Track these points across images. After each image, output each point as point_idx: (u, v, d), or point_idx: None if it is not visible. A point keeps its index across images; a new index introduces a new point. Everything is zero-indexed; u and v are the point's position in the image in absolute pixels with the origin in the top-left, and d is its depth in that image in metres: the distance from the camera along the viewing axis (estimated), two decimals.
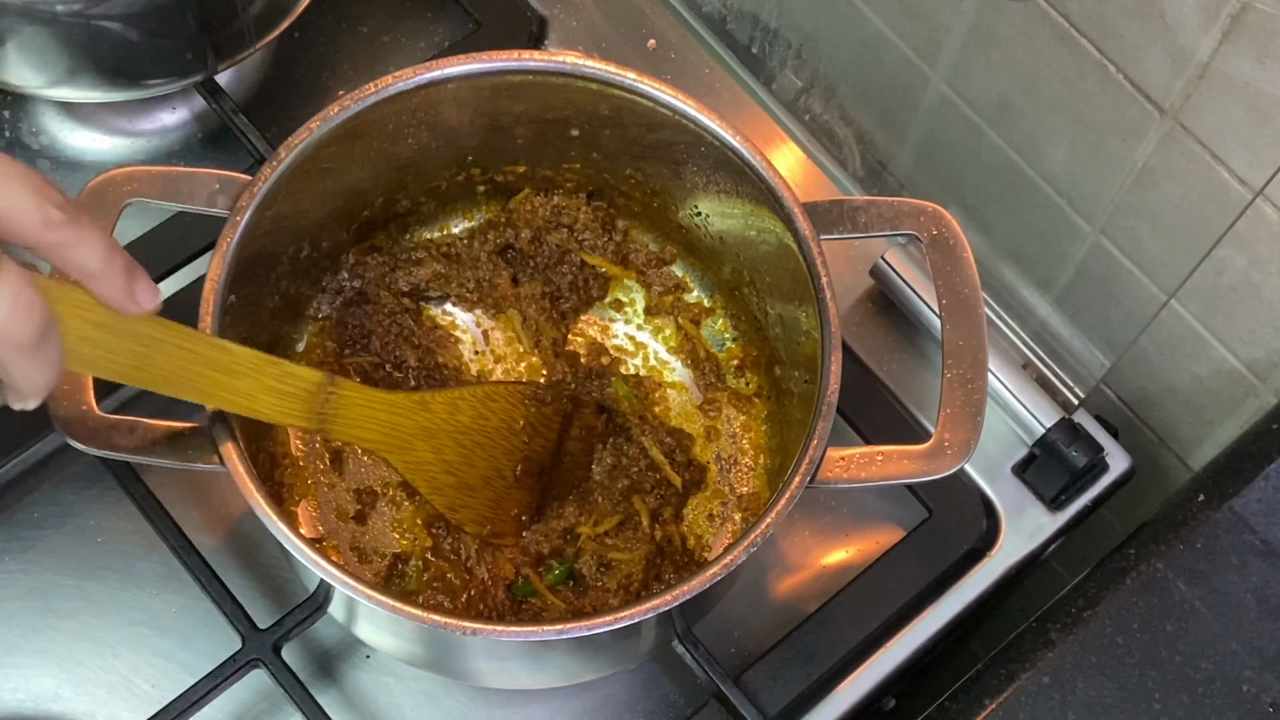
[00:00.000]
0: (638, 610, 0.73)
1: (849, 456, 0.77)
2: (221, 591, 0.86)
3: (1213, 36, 0.75)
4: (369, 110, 0.81)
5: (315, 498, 0.89)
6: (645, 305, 0.94)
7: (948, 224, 0.80)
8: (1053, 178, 0.91)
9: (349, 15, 1.05)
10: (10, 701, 0.88)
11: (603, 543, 0.87)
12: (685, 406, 0.92)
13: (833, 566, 0.94)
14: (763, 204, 0.82)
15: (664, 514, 0.88)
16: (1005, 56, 0.88)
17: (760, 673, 0.88)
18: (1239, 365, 0.89)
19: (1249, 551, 0.82)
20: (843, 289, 0.99)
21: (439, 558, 0.87)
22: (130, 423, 0.74)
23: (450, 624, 0.72)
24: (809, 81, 1.06)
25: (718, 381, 0.92)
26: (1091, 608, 0.82)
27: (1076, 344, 0.98)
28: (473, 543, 0.87)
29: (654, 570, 0.87)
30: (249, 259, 0.80)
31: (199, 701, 0.83)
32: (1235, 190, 0.80)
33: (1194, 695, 0.79)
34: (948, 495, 0.93)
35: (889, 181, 1.05)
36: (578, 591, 0.87)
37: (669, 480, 0.88)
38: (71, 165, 1.00)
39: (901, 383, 0.97)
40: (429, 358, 0.91)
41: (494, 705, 0.90)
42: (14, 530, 0.91)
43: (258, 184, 0.79)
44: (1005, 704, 0.80)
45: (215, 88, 0.97)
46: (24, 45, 0.88)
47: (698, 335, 0.93)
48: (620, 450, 0.88)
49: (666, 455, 0.88)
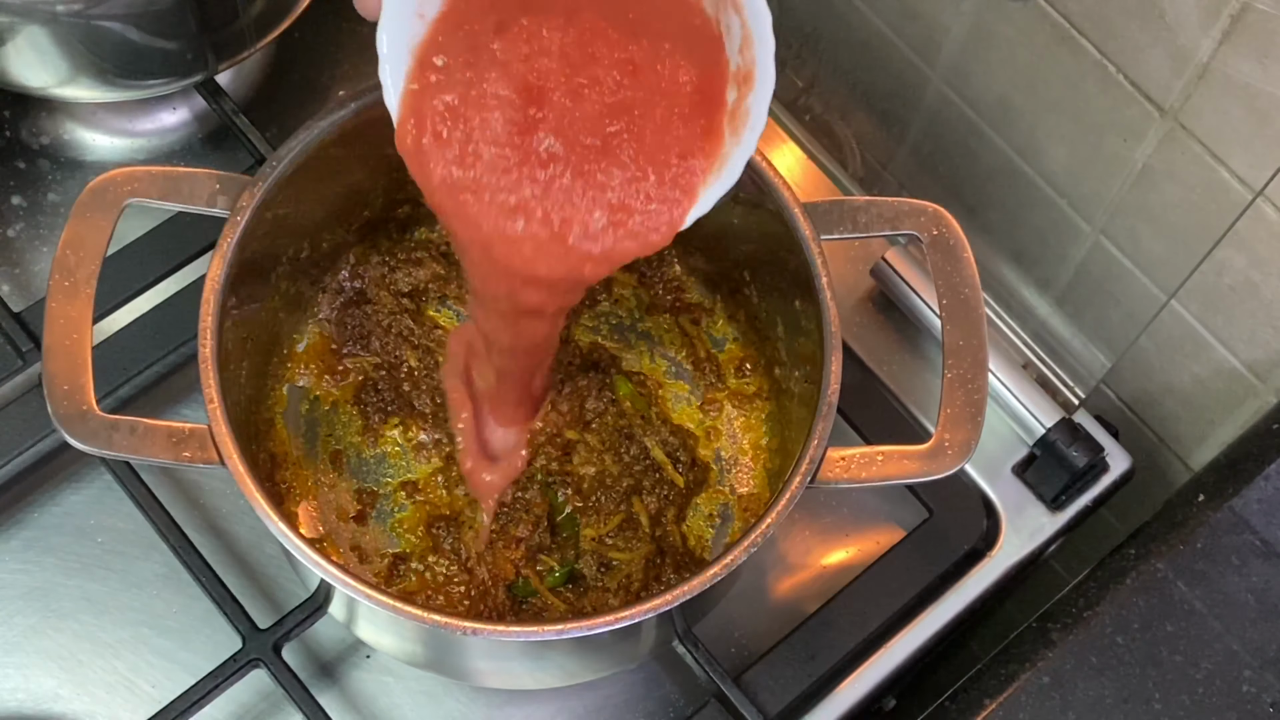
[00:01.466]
0: (638, 610, 0.73)
1: (849, 456, 0.77)
2: (221, 591, 0.86)
3: (1213, 36, 0.75)
4: (369, 110, 0.81)
5: (315, 498, 0.89)
6: (645, 305, 0.94)
7: (948, 224, 0.80)
8: (1053, 178, 0.91)
9: (349, 15, 1.04)
10: (10, 701, 0.88)
11: (603, 543, 0.87)
12: (685, 406, 0.92)
13: (833, 566, 0.94)
14: (762, 204, 0.82)
15: (667, 515, 0.88)
16: (1005, 56, 0.88)
17: (760, 673, 0.88)
18: (1239, 365, 0.89)
19: (1249, 551, 0.82)
20: (843, 289, 0.99)
21: (439, 557, 0.87)
22: (130, 423, 0.74)
23: (450, 624, 0.72)
24: (809, 81, 1.06)
25: (718, 381, 0.92)
26: (1091, 608, 0.82)
27: (1076, 344, 0.98)
28: (473, 543, 0.87)
29: (654, 570, 0.87)
30: (249, 259, 0.79)
31: (199, 701, 0.83)
32: (1235, 190, 0.80)
33: (1194, 695, 0.79)
34: (948, 495, 0.93)
35: (889, 181, 1.05)
36: (578, 592, 0.87)
37: (671, 480, 0.88)
38: (71, 165, 1.00)
39: (901, 383, 0.97)
40: (429, 358, 0.91)
41: (494, 705, 0.90)
42: (14, 530, 0.91)
43: (258, 184, 0.78)
44: (1005, 704, 0.80)
45: (215, 88, 0.97)
46: (24, 45, 0.88)
47: (698, 335, 0.93)
48: (623, 450, 0.88)
49: (670, 455, 0.88)
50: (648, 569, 0.86)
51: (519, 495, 0.87)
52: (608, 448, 0.88)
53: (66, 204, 0.98)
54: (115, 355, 0.90)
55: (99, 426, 0.74)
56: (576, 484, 0.87)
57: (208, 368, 0.75)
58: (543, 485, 0.87)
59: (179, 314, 0.91)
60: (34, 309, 0.91)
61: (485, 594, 0.86)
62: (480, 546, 0.87)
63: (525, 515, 0.86)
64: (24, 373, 0.90)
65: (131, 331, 0.91)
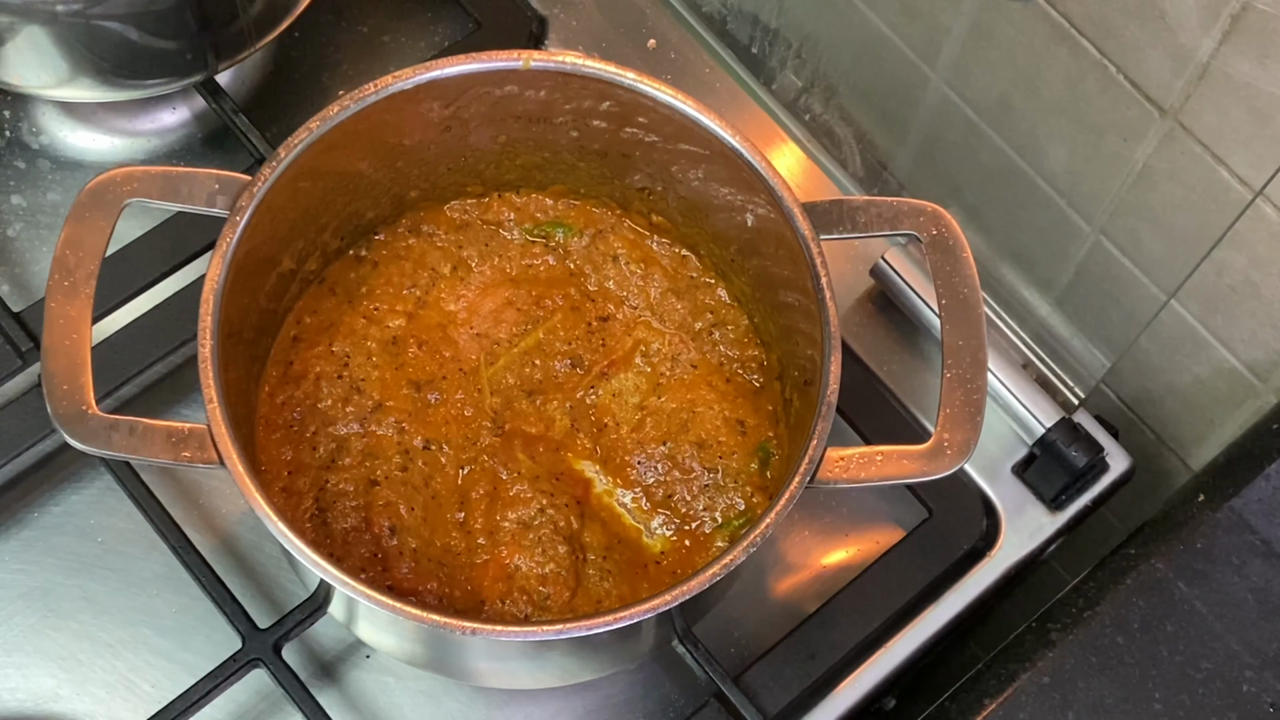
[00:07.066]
0: (638, 610, 0.73)
1: (849, 456, 0.77)
2: (221, 591, 0.86)
3: (1213, 36, 0.75)
4: (369, 110, 0.81)
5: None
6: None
7: (947, 224, 0.80)
8: (1053, 178, 0.91)
9: (349, 15, 1.05)
10: (10, 701, 0.88)
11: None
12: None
13: (833, 566, 0.94)
14: (762, 204, 0.82)
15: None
16: (1005, 56, 0.88)
17: (760, 673, 0.88)
18: (1239, 365, 0.89)
19: (1249, 551, 0.82)
20: (843, 289, 0.99)
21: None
22: (130, 423, 0.74)
23: (450, 624, 0.72)
24: (809, 81, 1.06)
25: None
26: (1091, 608, 0.82)
27: (1076, 344, 0.98)
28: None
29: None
30: (249, 259, 0.80)
31: (199, 701, 0.83)
32: (1235, 190, 0.80)
33: (1194, 695, 0.79)
34: (948, 495, 0.93)
35: (889, 181, 1.05)
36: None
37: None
38: (71, 165, 1.00)
39: (901, 383, 0.97)
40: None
41: (494, 705, 0.90)
42: (14, 530, 0.91)
43: (258, 184, 0.79)
44: (1005, 704, 0.80)
45: (215, 88, 0.97)
46: (24, 45, 0.88)
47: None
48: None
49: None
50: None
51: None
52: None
53: (66, 204, 0.98)
54: (115, 355, 0.90)
55: (99, 426, 0.74)
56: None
57: (208, 368, 0.75)
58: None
59: (179, 314, 0.91)
60: (34, 309, 0.91)
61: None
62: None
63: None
64: (24, 373, 0.90)
65: (131, 331, 0.91)
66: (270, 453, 0.85)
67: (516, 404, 0.88)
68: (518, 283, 0.91)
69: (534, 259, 0.92)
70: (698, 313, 0.91)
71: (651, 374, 0.90)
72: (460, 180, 0.91)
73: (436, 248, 0.92)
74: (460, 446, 0.87)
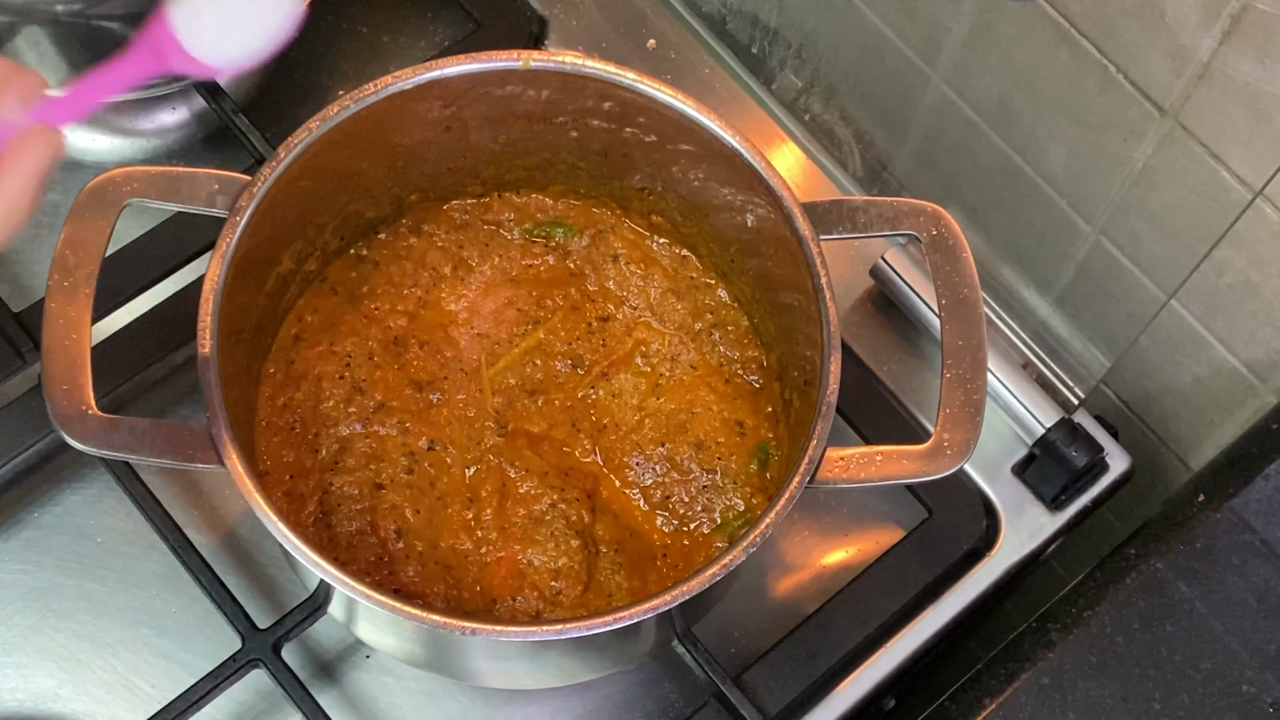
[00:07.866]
0: (638, 610, 0.73)
1: (849, 456, 0.77)
2: (221, 591, 0.86)
3: (1213, 36, 0.75)
4: (368, 111, 0.81)
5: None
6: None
7: (947, 224, 0.80)
8: (1053, 178, 0.91)
9: (349, 15, 1.05)
10: (10, 701, 0.88)
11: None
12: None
13: (833, 566, 0.94)
14: (762, 204, 0.82)
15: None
16: (1005, 56, 0.88)
17: (760, 673, 0.88)
18: (1239, 365, 0.89)
19: (1249, 551, 0.82)
20: (843, 289, 0.99)
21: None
22: (130, 423, 0.74)
23: (449, 624, 0.72)
24: (809, 81, 1.06)
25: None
26: (1091, 608, 0.82)
27: (1076, 344, 0.98)
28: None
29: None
30: (249, 259, 0.80)
31: (199, 701, 0.83)
32: (1235, 190, 0.80)
33: (1194, 695, 0.79)
34: (948, 495, 0.93)
35: (889, 181, 1.05)
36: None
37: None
38: (71, 165, 1.00)
39: (901, 383, 0.97)
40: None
41: (494, 705, 0.90)
42: (14, 530, 0.91)
43: (258, 184, 0.79)
44: (1005, 704, 0.80)
45: (215, 88, 0.97)
46: (24, 45, 0.88)
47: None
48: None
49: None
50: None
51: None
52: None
53: (66, 204, 0.98)
54: (115, 355, 0.90)
55: (98, 426, 0.74)
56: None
57: (208, 368, 0.75)
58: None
59: (179, 314, 0.91)
60: (33, 309, 0.91)
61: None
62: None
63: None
64: (23, 372, 0.90)
65: (131, 331, 0.91)
66: (272, 456, 0.85)
67: (518, 404, 0.88)
68: (518, 283, 0.91)
69: (534, 259, 0.92)
70: (698, 313, 0.92)
71: (651, 374, 0.90)
72: (460, 180, 0.91)
73: (437, 248, 0.92)
74: (465, 447, 0.87)
